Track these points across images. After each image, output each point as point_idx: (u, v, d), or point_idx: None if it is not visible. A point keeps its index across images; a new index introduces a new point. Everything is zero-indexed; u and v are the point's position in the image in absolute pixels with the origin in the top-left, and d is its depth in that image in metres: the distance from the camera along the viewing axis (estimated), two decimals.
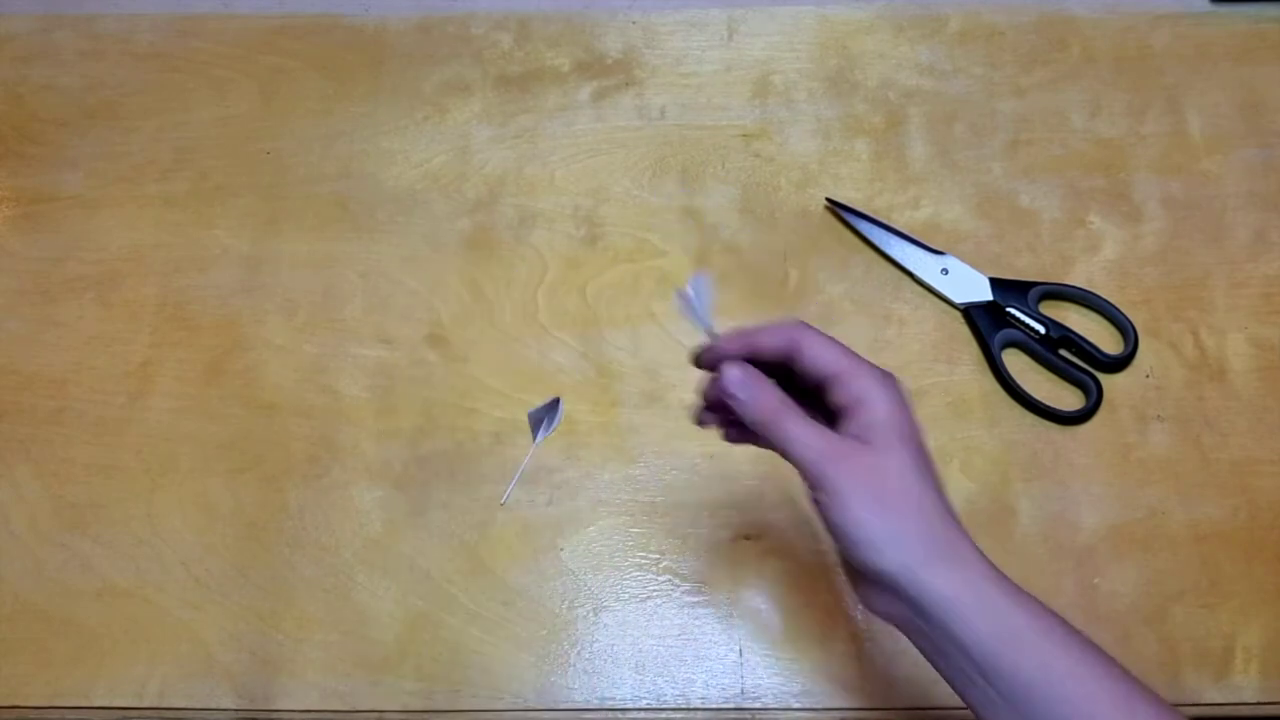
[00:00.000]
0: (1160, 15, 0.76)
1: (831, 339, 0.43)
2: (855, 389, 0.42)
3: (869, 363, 0.43)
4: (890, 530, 0.40)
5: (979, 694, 0.40)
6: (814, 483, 0.41)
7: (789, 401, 0.43)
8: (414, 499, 0.62)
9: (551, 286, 0.68)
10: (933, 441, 0.63)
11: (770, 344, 0.43)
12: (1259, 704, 0.57)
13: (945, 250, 0.68)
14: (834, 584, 0.60)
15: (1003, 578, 0.40)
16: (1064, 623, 0.40)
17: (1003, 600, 0.40)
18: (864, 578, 0.42)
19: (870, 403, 0.41)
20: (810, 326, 0.43)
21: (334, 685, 0.58)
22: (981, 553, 0.41)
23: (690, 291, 0.43)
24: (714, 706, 0.57)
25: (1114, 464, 0.62)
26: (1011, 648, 0.39)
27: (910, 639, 0.42)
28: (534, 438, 0.59)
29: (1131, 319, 0.65)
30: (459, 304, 0.68)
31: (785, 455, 0.42)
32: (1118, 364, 0.64)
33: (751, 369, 0.43)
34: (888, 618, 0.42)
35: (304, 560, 0.61)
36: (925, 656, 0.42)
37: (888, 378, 0.43)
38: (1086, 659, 0.39)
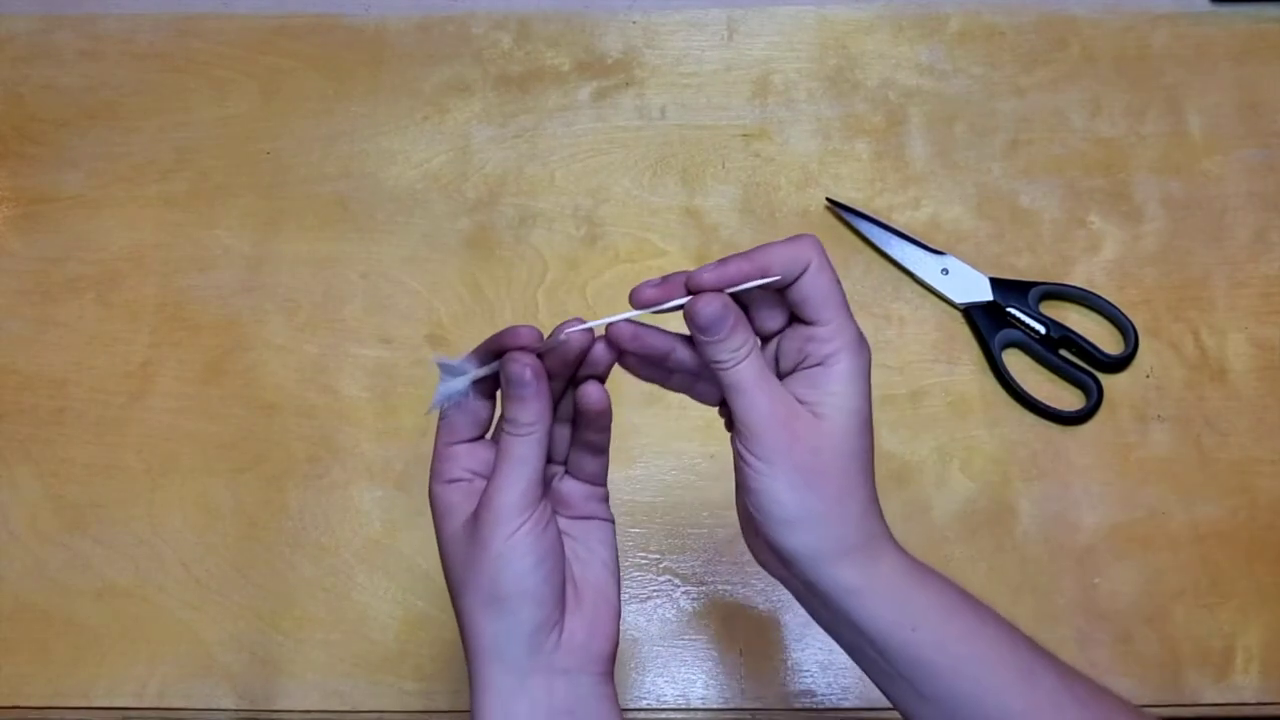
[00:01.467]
0: (1160, 15, 0.76)
1: (834, 274, 0.39)
2: (832, 348, 0.38)
3: (853, 323, 0.39)
4: (808, 517, 0.38)
5: (873, 667, 0.40)
6: (746, 442, 0.39)
7: (757, 348, 0.39)
8: (414, 499, 0.62)
9: (551, 286, 0.68)
10: (933, 441, 0.63)
11: (783, 265, 0.38)
12: (1259, 704, 0.57)
13: (945, 250, 0.68)
14: None
15: (910, 565, 0.40)
16: (967, 600, 0.40)
17: (906, 589, 0.39)
18: (761, 539, 0.40)
19: (838, 372, 0.38)
20: (821, 250, 0.39)
21: (334, 685, 0.58)
22: (892, 539, 0.40)
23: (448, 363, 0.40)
24: (714, 707, 0.57)
25: (1114, 464, 0.62)
26: (911, 632, 0.39)
27: (794, 595, 0.42)
28: None
29: (1132, 319, 0.65)
30: (459, 304, 0.68)
31: (728, 403, 0.39)
32: (1118, 364, 0.64)
33: (736, 309, 0.39)
34: (772, 573, 0.42)
35: (304, 560, 0.61)
36: (810, 615, 0.42)
37: (863, 350, 0.39)
38: (986, 634, 0.39)
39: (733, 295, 0.38)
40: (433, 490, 0.41)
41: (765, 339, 0.41)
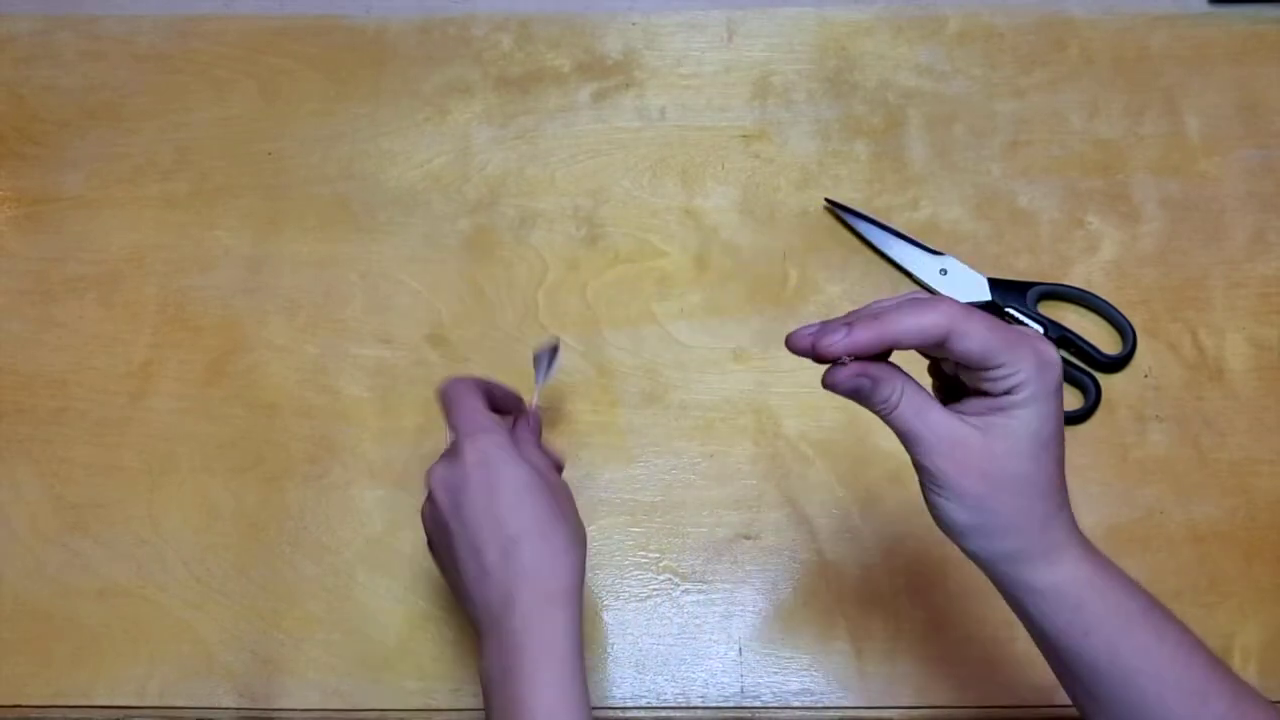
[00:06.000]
0: (1158, 16, 0.76)
1: (985, 327, 0.37)
2: (1006, 385, 0.38)
3: (1029, 352, 0.37)
4: (981, 531, 0.39)
5: (1050, 659, 0.41)
6: (918, 464, 0.39)
7: (911, 386, 0.39)
8: (415, 498, 0.62)
9: (552, 287, 0.68)
10: None
11: (912, 341, 0.38)
12: None
13: (944, 251, 0.68)
14: (833, 583, 0.60)
15: (1094, 572, 0.40)
16: (1152, 614, 0.40)
17: (1084, 596, 0.39)
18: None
19: (1014, 401, 0.38)
20: (960, 305, 0.38)
21: (335, 684, 0.58)
22: (1080, 544, 0.40)
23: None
24: (714, 706, 0.57)
25: (1112, 464, 0.62)
26: (1084, 637, 0.39)
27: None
28: (536, 381, 0.56)
29: (1130, 319, 0.65)
30: (459, 304, 0.68)
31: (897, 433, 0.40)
32: (1116, 364, 0.65)
33: (873, 372, 0.39)
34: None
35: (305, 560, 0.61)
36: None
37: (1045, 374, 0.38)
38: (1163, 650, 0.39)
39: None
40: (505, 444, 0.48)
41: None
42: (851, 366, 0.39)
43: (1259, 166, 0.71)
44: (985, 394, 0.38)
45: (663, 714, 0.57)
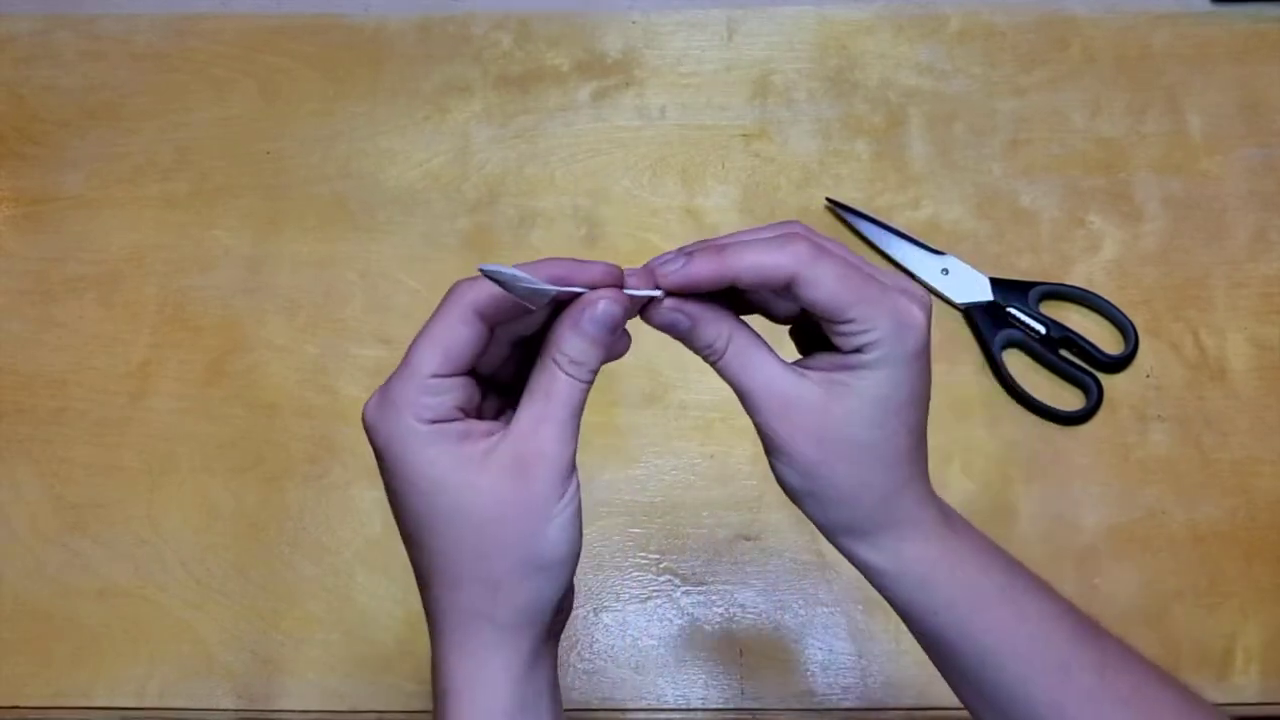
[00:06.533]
0: (1160, 15, 0.76)
1: (838, 270, 0.33)
2: (858, 341, 0.34)
3: (885, 307, 0.33)
4: (814, 498, 0.36)
5: (915, 637, 0.39)
6: (757, 426, 0.36)
7: (743, 334, 0.36)
8: None
9: None
10: (933, 441, 0.63)
11: (752, 280, 0.34)
12: (1259, 704, 0.57)
13: (945, 250, 0.68)
14: (834, 584, 0.60)
15: (945, 550, 0.36)
16: (1010, 590, 0.37)
17: (931, 574, 0.36)
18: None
19: (864, 361, 0.34)
20: (812, 247, 0.34)
21: (334, 685, 0.58)
22: (931, 520, 0.36)
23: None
24: (714, 707, 0.57)
25: (1114, 464, 0.62)
26: (934, 616, 0.37)
27: None
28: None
29: (1132, 319, 0.65)
30: None
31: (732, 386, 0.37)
32: (1118, 364, 0.64)
33: (690, 305, 0.36)
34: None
35: (304, 560, 0.61)
36: None
37: (902, 337, 0.34)
38: (1025, 628, 0.37)
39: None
40: (405, 427, 0.34)
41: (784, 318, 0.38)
42: (668, 302, 0.35)
43: (1261, 165, 0.70)
44: (837, 349, 0.35)
45: (662, 716, 0.57)
